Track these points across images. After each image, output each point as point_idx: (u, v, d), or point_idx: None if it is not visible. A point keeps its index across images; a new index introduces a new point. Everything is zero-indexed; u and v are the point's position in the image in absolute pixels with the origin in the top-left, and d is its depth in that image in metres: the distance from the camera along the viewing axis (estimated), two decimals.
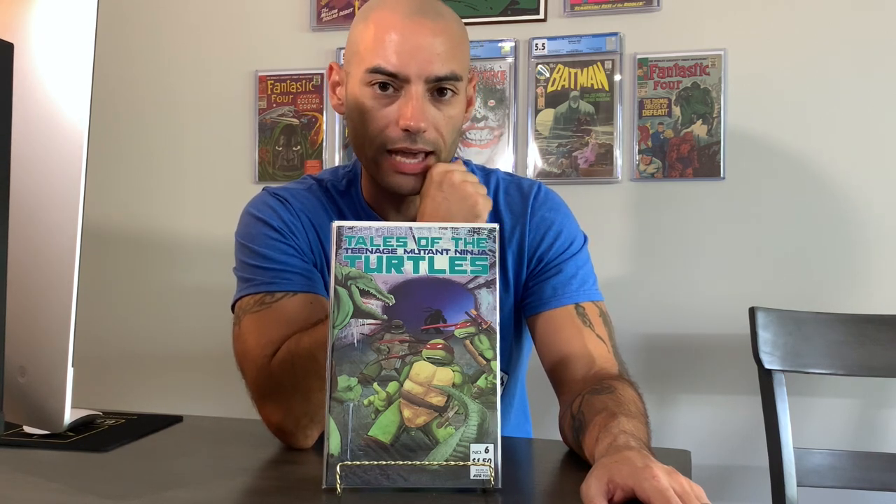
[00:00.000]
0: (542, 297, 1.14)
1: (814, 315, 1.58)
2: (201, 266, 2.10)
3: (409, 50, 1.03)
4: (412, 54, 1.03)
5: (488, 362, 0.85)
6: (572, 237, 1.18)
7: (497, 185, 1.20)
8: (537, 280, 1.15)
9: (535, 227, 1.16)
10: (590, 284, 1.16)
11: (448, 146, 1.09)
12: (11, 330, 0.60)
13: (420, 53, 1.03)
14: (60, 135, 0.66)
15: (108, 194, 2.13)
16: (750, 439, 1.72)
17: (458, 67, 1.06)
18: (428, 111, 1.05)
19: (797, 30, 1.78)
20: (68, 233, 0.65)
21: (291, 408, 1.00)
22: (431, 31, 1.04)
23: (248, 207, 1.17)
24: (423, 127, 1.04)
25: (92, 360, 2.09)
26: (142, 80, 2.13)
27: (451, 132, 1.09)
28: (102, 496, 0.83)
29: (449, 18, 1.08)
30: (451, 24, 1.08)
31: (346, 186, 1.19)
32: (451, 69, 1.05)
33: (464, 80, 1.09)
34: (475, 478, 0.82)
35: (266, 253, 1.11)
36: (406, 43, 1.03)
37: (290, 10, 2.04)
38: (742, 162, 1.80)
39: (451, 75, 1.05)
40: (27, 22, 0.67)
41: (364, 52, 1.06)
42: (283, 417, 1.01)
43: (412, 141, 1.05)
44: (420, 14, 1.05)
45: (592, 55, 1.87)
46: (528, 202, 1.17)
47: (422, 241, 0.87)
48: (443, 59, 1.04)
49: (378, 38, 1.05)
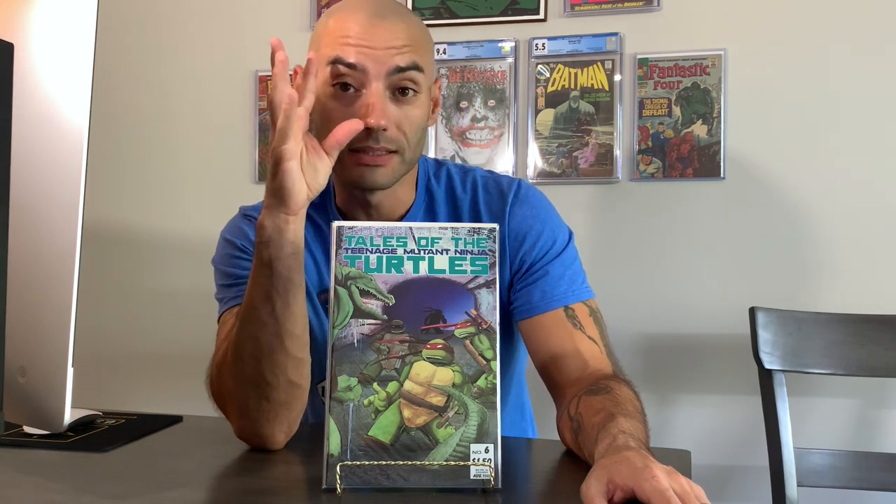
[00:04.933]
0: (530, 301, 1.13)
1: (814, 315, 1.58)
2: (201, 266, 2.09)
3: (368, 44, 1.04)
4: (372, 48, 1.04)
5: (488, 362, 0.85)
6: (554, 236, 1.16)
7: (475, 183, 1.19)
8: (524, 283, 1.14)
9: (514, 229, 1.15)
10: (578, 283, 1.14)
11: (412, 146, 1.09)
12: (11, 330, 0.60)
13: (380, 47, 1.04)
14: (60, 135, 0.66)
15: (108, 194, 2.13)
16: (750, 439, 1.72)
17: (419, 60, 1.06)
18: (389, 110, 1.05)
19: (797, 30, 1.78)
20: (68, 233, 0.65)
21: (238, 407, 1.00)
22: (391, 28, 1.05)
23: (222, 231, 1.21)
24: (384, 125, 1.03)
25: (92, 360, 2.09)
26: (141, 80, 2.14)
27: (415, 132, 1.08)
28: (102, 496, 0.83)
29: (410, 18, 1.10)
30: (413, 23, 1.09)
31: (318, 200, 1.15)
32: (411, 60, 1.05)
33: (426, 77, 1.08)
34: (475, 478, 0.82)
35: (230, 272, 1.15)
36: (366, 37, 1.04)
37: (290, 10, 2.04)
38: (742, 162, 1.80)
39: (412, 65, 1.05)
40: (27, 22, 0.67)
41: (324, 48, 1.06)
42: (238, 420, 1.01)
43: (374, 140, 1.04)
44: (380, 14, 1.06)
45: (592, 55, 1.87)
46: (507, 201, 1.16)
47: (422, 241, 0.87)
48: (403, 52, 1.04)
49: (338, 33, 1.05)
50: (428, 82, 1.10)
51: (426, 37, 1.11)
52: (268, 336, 0.95)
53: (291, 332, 0.95)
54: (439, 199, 1.18)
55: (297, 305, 0.95)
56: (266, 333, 0.95)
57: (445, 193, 1.19)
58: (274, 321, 0.94)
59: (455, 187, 1.19)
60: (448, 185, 1.19)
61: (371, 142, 1.04)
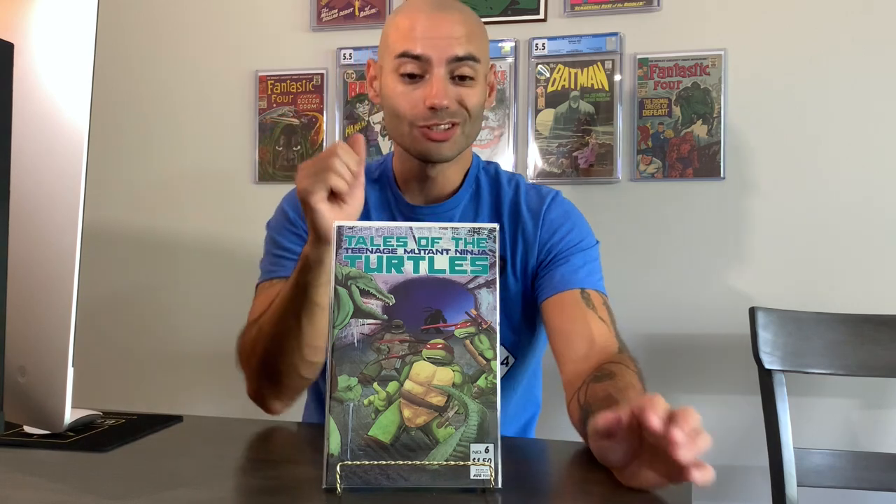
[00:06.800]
0: (551, 282, 1.23)
1: (814, 315, 1.58)
2: (201, 266, 2.10)
3: (431, 36, 1.17)
4: (434, 39, 1.17)
5: (488, 362, 0.85)
6: (582, 236, 1.28)
7: (518, 185, 1.32)
8: (547, 269, 1.25)
9: (548, 224, 1.27)
10: (596, 279, 1.24)
11: (472, 121, 1.22)
12: (11, 330, 0.60)
13: (441, 38, 1.17)
14: (60, 135, 0.66)
15: (108, 194, 2.13)
16: (750, 439, 1.72)
17: (475, 50, 1.19)
18: (450, 91, 1.18)
19: (797, 30, 1.78)
20: (68, 233, 0.65)
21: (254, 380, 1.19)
22: (450, 20, 1.19)
23: (283, 198, 1.34)
24: (446, 104, 1.17)
25: (92, 360, 2.08)
26: (142, 80, 2.13)
27: (473, 110, 1.21)
28: (102, 496, 0.83)
29: (467, 12, 1.23)
30: (469, 16, 1.23)
31: (378, 175, 1.33)
32: (469, 51, 1.18)
33: (482, 66, 1.21)
34: (475, 478, 0.82)
35: (279, 241, 1.28)
36: (429, 30, 1.18)
37: (290, 10, 2.04)
38: (742, 162, 1.80)
39: (470, 56, 1.18)
40: (27, 22, 0.67)
41: (392, 43, 1.20)
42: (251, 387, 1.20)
43: (438, 117, 1.18)
44: (441, 9, 1.20)
45: (592, 55, 1.87)
46: (545, 202, 1.29)
47: (422, 241, 0.87)
48: (461, 42, 1.18)
49: (404, 28, 1.19)
50: (484, 70, 1.23)
51: (481, 29, 1.24)
52: (290, 342, 1.10)
53: (311, 344, 1.10)
54: (484, 189, 1.30)
55: (322, 323, 1.08)
56: (289, 339, 1.10)
57: (490, 186, 1.31)
58: (298, 332, 1.09)
59: (501, 183, 1.31)
60: (495, 179, 1.32)
61: (436, 119, 1.18)
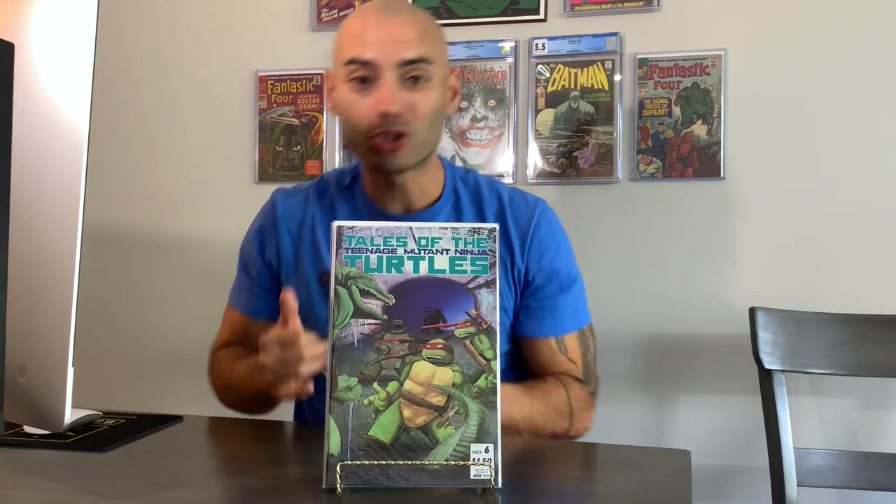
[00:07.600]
0: (530, 324, 1.25)
1: (814, 315, 1.58)
2: (201, 266, 2.10)
3: (378, 40, 1.13)
4: (382, 43, 1.12)
5: (488, 362, 0.85)
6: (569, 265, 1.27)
7: (500, 194, 1.27)
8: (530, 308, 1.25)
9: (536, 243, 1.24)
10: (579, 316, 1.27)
11: (426, 128, 1.16)
12: (11, 330, 0.60)
13: (390, 41, 1.12)
14: (60, 135, 0.66)
15: (108, 194, 2.13)
16: (750, 439, 1.72)
17: (428, 52, 1.14)
18: (400, 96, 1.12)
19: (797, 30, 1.78)
20: (68, 233, 0.65)
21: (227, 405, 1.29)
22: (399, 23, 1.14)
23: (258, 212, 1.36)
24: (396, 110, 1.11)
25: (92, 360, 2.08)
26: (142, 81, 2.13)
27: (427, 114, 1.15)
28: (102, 496, 0.83)
29: (419, 14, 1.19)
30: (422, 18, 1.18)
31: (349, 182, 1.28)
32: (420, 53, 1.13)
33: (437, 67, 1.16)
34: (475, 477, 0.82)
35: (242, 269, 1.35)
36: (376, 34, 1.13)
37: (289, 10, 2.04)
38: (742, 162, 1.80)
39: (421, 58, 1.13)
40: (27, 22, 0.67)
41: (341, 50, 1.16)
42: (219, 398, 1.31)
43: (389, 124, 1.12)
44: (389, 11, 1.16)
45: (592, 55, 1.87)
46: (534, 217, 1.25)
47: (422, 241, 0.87)
48: (412, 44, 1.13)
49: (353, 34, 1.15)
50: (441, 72, 1.18)
51: (434, 29, 1.19)
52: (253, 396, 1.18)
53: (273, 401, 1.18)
54: (465, 200, 1.26)
55: None
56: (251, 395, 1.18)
57: (471, 196, 1.26)
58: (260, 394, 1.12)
59: (482, 192, 1.26)
60: (475, 189, 1.27)
61: (385, 126, 1.12)
